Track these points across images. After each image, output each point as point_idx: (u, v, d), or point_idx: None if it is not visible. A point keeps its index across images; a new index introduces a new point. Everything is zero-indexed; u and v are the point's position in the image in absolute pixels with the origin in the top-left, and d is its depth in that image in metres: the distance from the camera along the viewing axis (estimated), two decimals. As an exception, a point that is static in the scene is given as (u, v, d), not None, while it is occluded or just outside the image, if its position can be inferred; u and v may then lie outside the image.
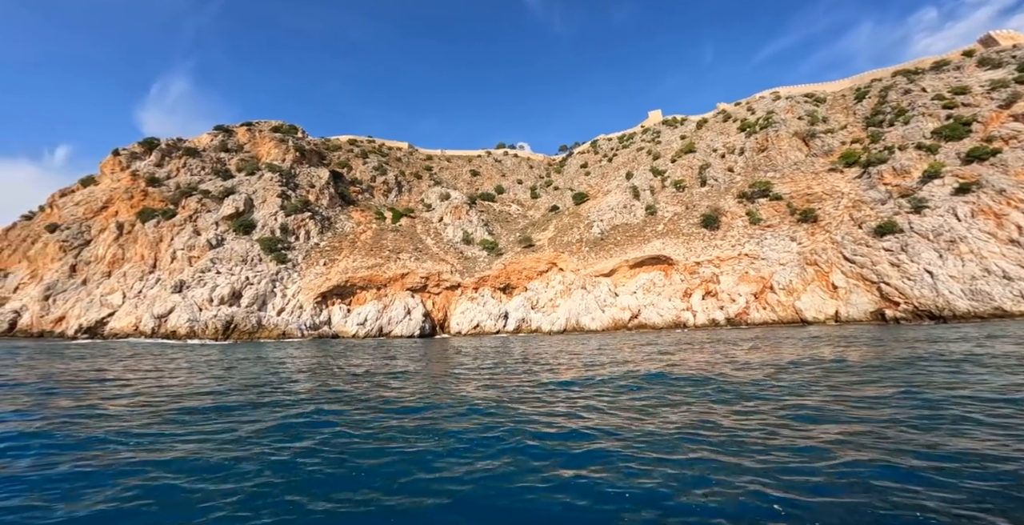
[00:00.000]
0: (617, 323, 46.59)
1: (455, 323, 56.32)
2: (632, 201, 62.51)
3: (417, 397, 9.57)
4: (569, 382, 11.20)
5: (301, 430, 6.89)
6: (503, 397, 9.44)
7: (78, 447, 6.06)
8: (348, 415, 8.09)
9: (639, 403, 8.35)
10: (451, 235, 69.24)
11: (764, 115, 59.54)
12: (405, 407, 8.45)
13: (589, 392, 9.78)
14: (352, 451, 5.90)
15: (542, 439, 6.30)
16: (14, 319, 45.21)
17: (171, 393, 10.45)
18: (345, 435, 6.67)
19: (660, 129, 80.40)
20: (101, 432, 6.76)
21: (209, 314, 46.91)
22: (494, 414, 7.88)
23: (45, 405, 9.15)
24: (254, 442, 6.28)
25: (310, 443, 6.28)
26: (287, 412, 8.09)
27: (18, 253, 48.98)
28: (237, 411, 8.39)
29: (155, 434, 6.70)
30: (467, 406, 8.47)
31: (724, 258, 43.01)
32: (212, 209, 57.81)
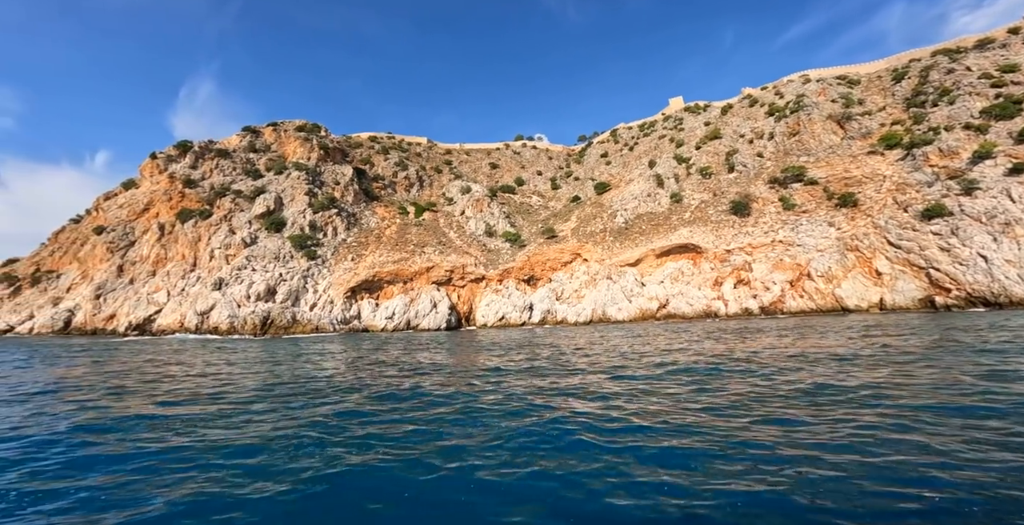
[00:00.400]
0: (645, 313, 45.81)
1: (480, 315, 56.51)
2: (656, 189, 60.96)
3: (491, 399, 9.49)
4: (624, 374, 10.89)
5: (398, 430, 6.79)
6: (558, 390, 9.24)
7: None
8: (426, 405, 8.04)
9: (703, 397, 7.95)
10: (473, 228, 69.19)
11: (794, 99, 56.73)
12: (474, 407, 8.36)
13: (644, 385, 9.47)
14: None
15: (600, 433, 6.05)
16: (68, 317, 47.72)
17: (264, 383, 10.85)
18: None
19: (682, 116, 77.85)
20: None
21: (247, 310, 48.43)
22: (550, 408, 7.68)
23: (158, 397, 9.51)
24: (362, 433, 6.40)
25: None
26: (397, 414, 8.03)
27: (68, 255, 51.49)
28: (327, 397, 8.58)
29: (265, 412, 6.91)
30: (524, 403, 8.30)
31: (756, 245, 41.51)
32: (245, 208, 59.33)
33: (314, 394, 9.43)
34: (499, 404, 7.97)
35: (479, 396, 8.84)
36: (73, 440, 6.23)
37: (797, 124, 51.31)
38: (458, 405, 8.08)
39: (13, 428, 6.87)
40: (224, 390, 10.19)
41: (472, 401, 8.34)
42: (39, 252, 53.49)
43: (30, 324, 45.58)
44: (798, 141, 49.66)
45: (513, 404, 7.95)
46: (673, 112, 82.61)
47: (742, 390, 8.40)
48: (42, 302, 46.87)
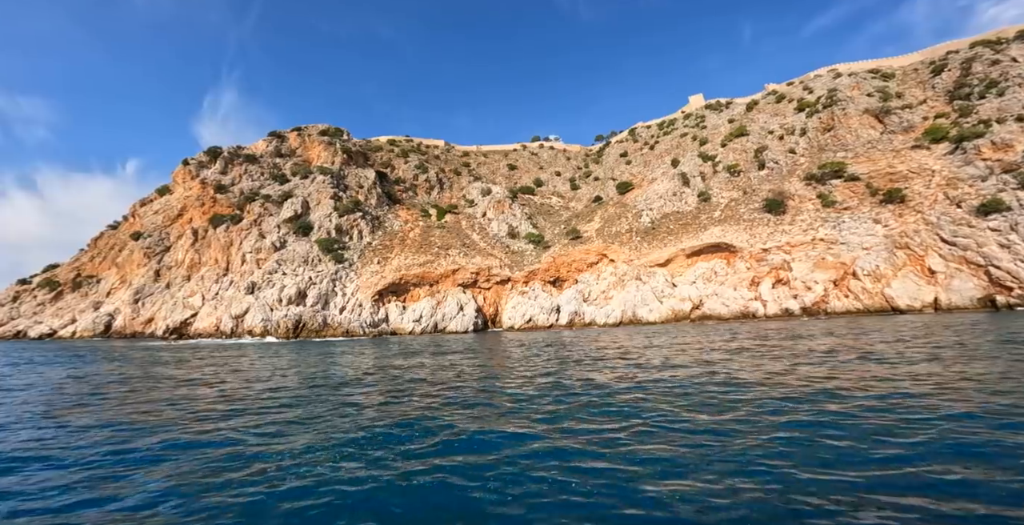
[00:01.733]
0: (677, 314, 44.09)
1: (507, 318, 55.32)
2: (681, 188, 59.02)
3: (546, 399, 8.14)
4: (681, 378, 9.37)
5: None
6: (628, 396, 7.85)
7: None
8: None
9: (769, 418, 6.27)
10: (496, 230, 68.06)
11: (825, 93, 54.22)
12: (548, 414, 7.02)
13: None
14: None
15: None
16: (109, 321, 47.91)
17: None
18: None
19: (704, 114, 75.55)
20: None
21: (280, 314, 48.02)
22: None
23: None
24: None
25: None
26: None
27: (107, 260, 51.78)
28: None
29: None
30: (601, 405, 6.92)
31: (795, 244, 39.49)
32: (273, 212, 59.14)
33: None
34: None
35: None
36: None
37: (831, 119, 48.93)
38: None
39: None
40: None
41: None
42: (79, 258, 53.94)
43: (72, 328, 45.82)
44: (833, 136, 47.33)
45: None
46: (694, 110, 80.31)
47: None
48: (83, 306, 47.10)
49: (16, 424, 7.78)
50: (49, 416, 8.37)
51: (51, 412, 8.76)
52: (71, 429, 7.30)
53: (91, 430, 7.19)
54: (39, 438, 6.81)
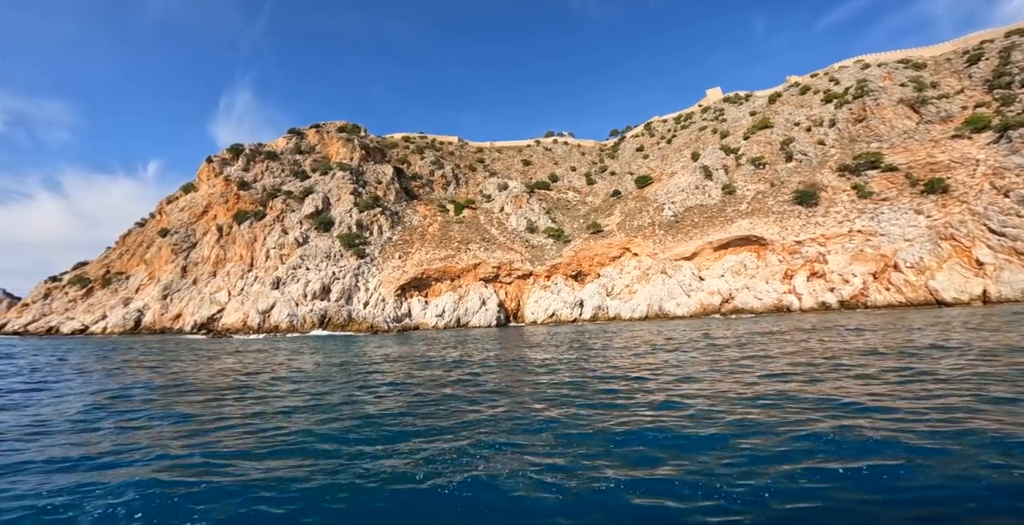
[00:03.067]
0: (706, 308, 42.80)
1: (529, 312, 54.35)
2: (704, 181, 57.45)
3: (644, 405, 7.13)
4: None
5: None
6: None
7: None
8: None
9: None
10: (515, 224, 66.95)
11: (855, 84, 52.20)
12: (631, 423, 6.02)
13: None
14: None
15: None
16: (138, 317, 47.56)
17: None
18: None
19: (723, 107, 73.57)
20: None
21: (305, 309, 47.41)
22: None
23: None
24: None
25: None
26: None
27: (136, 257, 51.41)
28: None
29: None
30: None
31: (830, 236, 37.99)
32: (295, 209, 58.42)
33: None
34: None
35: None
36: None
37: (863, 110, 47.04)
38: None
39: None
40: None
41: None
42: (108, 255, 53.66)
43: (103, 324, 45.52)
44: (866, 127, 45.50)
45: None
46: (711, 103, 78.30)
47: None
48: (113, 302, 46.80)
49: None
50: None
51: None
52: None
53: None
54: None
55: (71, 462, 5.07)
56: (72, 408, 8.23)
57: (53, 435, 6.36)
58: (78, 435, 6.39)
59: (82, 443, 5.79)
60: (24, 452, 5.52)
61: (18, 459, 5.22)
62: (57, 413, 7.77)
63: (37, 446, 5.74)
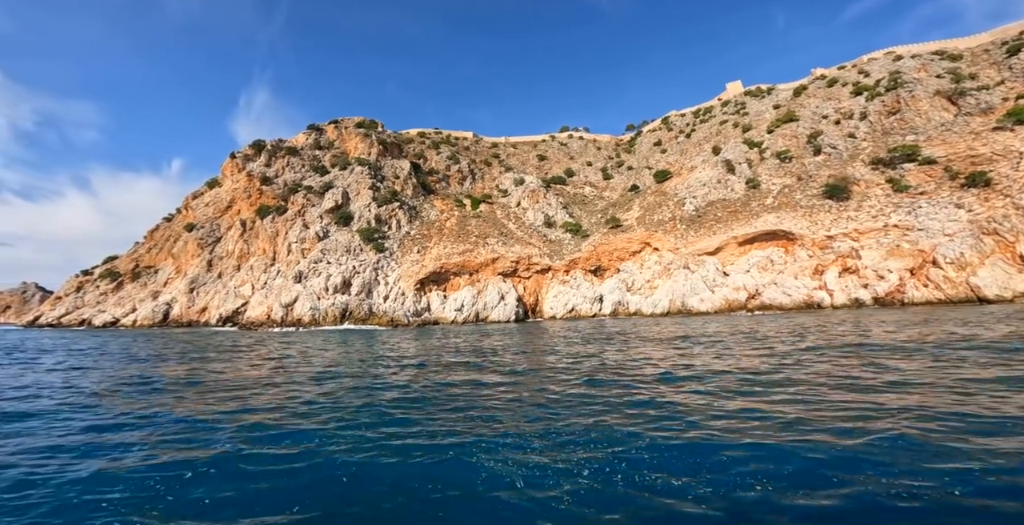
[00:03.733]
0: (732, 304, 41.86)
1: (548, 307, 53.93)
2: (726, 175, 56.09)
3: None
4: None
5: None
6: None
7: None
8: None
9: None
10: (532, 219, 66.34)
11: (887, 76, 50.17)
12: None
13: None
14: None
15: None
16: (167, 310, 48.26)
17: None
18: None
19: (744, 100, 71.67)
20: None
21: (327, 303, 47.61)
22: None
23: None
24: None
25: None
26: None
27: (164, 251, 52.11)
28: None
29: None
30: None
31: (864, 231, 36.70)
32: (316, 203, 58.63)
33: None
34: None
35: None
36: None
37: (897, 102, 45.22)
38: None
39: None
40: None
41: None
42: (137, 249, 54.51)
43: (133, 316, 46.28)
44: (900, 119, 43.75)
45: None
46: (732, 97, 76.36)
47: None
48: (142, 296, 47.52)
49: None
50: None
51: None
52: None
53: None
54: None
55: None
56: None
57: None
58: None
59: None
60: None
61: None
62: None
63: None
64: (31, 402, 7.76)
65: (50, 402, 7.71)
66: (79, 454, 4.86)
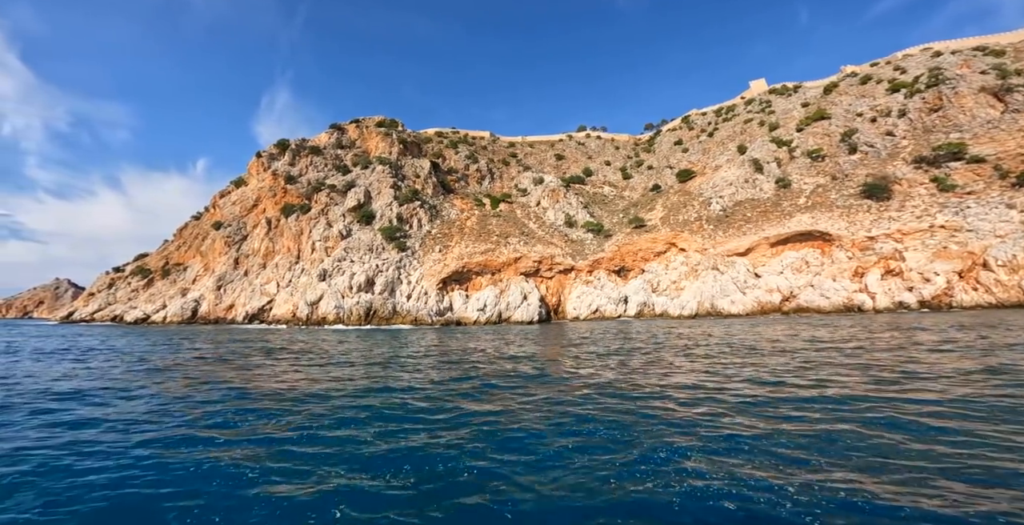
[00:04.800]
0: (764, 306, 40.62)
1: (571, 307, 53.10)
2: (754, 175, 54.66)
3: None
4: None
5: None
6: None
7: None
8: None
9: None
10: (553, 218, 65.55)
11: (926, 72, 48.31)
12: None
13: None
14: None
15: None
16: (195, 307, 48.56)
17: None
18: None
19: (769, 98, 69.96)
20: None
21: (352, 301, 47.43)
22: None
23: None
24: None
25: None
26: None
27: (192, 249, 52.52)
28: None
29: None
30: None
31: (908, 231, 35.23)
32: (338, 202, 58.62)
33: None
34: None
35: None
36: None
37: (938, 99, 43.45)
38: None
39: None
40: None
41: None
42: (167, 247, 55.06)
43: (163, 313, 46.64)
44: (942, 117, 42.02)
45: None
46: (756, 95, 74.63)
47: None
48: (172, 293, 47.89)
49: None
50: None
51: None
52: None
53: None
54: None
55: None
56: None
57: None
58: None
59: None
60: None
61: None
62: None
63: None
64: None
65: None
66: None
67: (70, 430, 6.04)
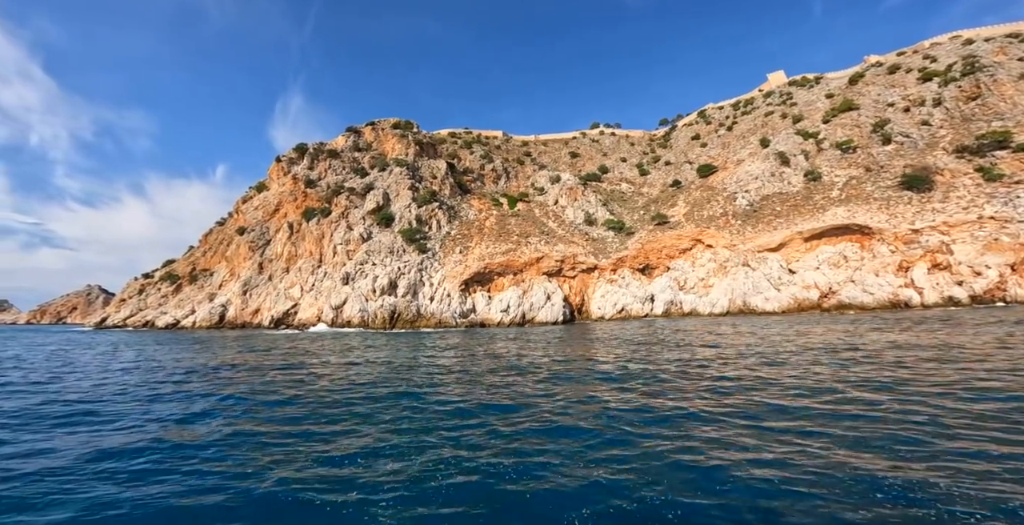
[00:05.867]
0: (801, 303, 39.29)
1: (596, 307, 52.13)
2: (780, 168, 53.15)
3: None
4: None
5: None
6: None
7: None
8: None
9: None
10: (572, 217, 64.59)
11: (959, 61, 46.43)
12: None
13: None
14: None
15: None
16: (223, 312, 48.50)
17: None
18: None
19: (790, 91, 68.15)
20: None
21: (376, 304, 46.99)
22: None
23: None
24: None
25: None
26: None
27: (218, 254, 52.52)
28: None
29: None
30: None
31: (954, 223, 33.74)
32: (358, 205, 58.26)
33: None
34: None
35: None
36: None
37: (976, 87, 41.68)
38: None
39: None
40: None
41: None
42: (193, 252, 55.17)
43: (192, 318, 46.64)
44: (982, 105, 40.29)
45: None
46: (775, 87, 72.82)
47: None
48: (200, 298, 47.88)
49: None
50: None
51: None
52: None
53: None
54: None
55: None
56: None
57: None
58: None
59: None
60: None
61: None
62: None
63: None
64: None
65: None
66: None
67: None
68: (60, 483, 4.58)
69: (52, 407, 8.38)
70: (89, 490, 4.39)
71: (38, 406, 8.49)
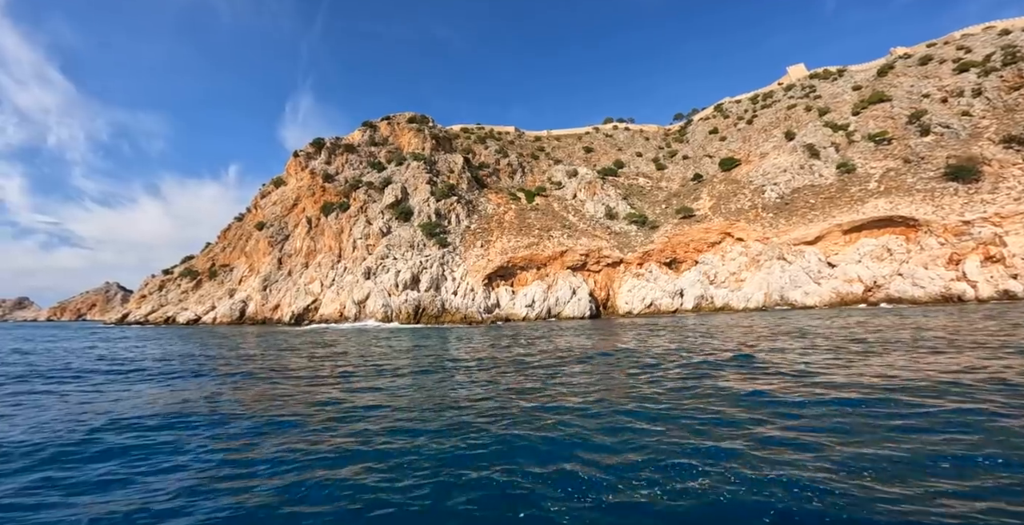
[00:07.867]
0: (844, 297, 37.82)
1: (623, 302, 50.59)
2: (809, 160, 51.59)
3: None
4: None
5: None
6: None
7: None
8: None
9: None
10: (592, 211, 62.95)
11: (998, 50, 44.86)
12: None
13: None
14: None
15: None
16: (243, 308, 46.85)
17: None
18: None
19: (812, 83, 66.47)
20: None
21: (399, 299, 45.44)
22: None
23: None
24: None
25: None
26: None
27: (237, 250, 50.76)
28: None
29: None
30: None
31: (1007, 215, 32.29)
32: (376, 199, 56.57)
33: None
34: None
35: None
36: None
37: (1019, 77, 40.12)
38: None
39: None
40: None
41: None
42: (212, 248, 53.39)
43: (212, 314, 44.99)
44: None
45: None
46: (796, 80, 71.13)
47: None
48: (220, 294, 46.19)
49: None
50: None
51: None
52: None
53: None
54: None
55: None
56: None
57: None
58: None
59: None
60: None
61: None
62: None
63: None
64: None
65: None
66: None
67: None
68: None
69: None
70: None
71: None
